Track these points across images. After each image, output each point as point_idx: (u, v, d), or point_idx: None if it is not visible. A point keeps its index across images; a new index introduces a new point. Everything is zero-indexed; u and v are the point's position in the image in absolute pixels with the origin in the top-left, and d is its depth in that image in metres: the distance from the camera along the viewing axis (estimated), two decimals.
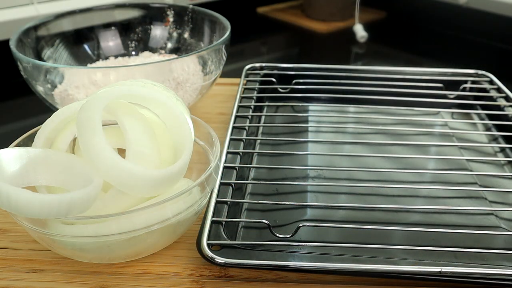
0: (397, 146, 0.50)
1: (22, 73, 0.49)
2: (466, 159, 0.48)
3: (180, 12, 0.61)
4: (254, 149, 0.50)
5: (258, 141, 0.51)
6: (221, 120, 0.57)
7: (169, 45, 0.62)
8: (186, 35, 0.62)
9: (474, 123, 0.56)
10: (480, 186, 0.45)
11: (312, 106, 0.58)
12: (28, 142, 0.37)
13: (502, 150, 0.51)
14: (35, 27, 0.55)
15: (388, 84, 0.58)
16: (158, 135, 0.35)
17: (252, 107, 0.54)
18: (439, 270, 0.33)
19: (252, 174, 0.46)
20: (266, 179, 0.46)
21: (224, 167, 0.43)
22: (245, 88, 0.58)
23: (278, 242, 0.37)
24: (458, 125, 0.56)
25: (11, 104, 0.78)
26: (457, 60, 1.05)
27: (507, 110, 0.54)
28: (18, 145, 0.37)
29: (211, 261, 0.34)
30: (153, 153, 0.34)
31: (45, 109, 0.51)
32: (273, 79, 0.60)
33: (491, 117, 0.55)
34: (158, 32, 0.62)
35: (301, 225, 0.37)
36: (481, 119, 0.56)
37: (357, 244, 0.36)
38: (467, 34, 1.12)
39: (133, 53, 0.62)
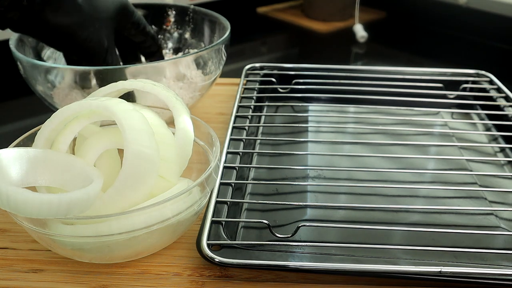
0: (397, 146, 0.50)
1: (22, 73, 0.49)
2: (466, 159, 0.48)
3: (181, 12, 0.61)
4: (254, 149, 0.50)
5: (258, 141, 0.51)
6: (221, 120, 0.57)
7: (170, 45, 0.62)
8: (187, 35, 0.62)
9: (474, 123, 0.56)
10: (480, 186, 0.45)
11: (312, 106, 0.58)
12: (28, 142, 0.37)
13: (502, 150, 0.51)
14: None
15: (388, 84, 0.58)
16: (157, 134, 0.35)
17: (252, 107, 0.54)
18: (439, 270, 0.33)
19: (252, 174, 0.46)
20: (266, 179, 0.46)
21: (224, 167, 0.43)
22: (245, 88, 0.58)
23: (278, 242, 0.37)
24: (458, 125, 0.56)
25: (11, 104, 0.78)
26: (457, 60, 1.05)
27: (507, 110, 0.54)
28: (18, 145, 0.37)
29: (211, 261, 0.34)
30: (153, 152, 0.34)
31: (45, 109, 0.51)
32: (273, 79, 0.60)
33: (491, 117, 0.55)
34: (158, 32, 0.61)
35: (301, 225, 0.37)
36: (481, 119, 0.56)
37: (357, 244, 0.36)
38: (467, 34, 1.12)
39: None
